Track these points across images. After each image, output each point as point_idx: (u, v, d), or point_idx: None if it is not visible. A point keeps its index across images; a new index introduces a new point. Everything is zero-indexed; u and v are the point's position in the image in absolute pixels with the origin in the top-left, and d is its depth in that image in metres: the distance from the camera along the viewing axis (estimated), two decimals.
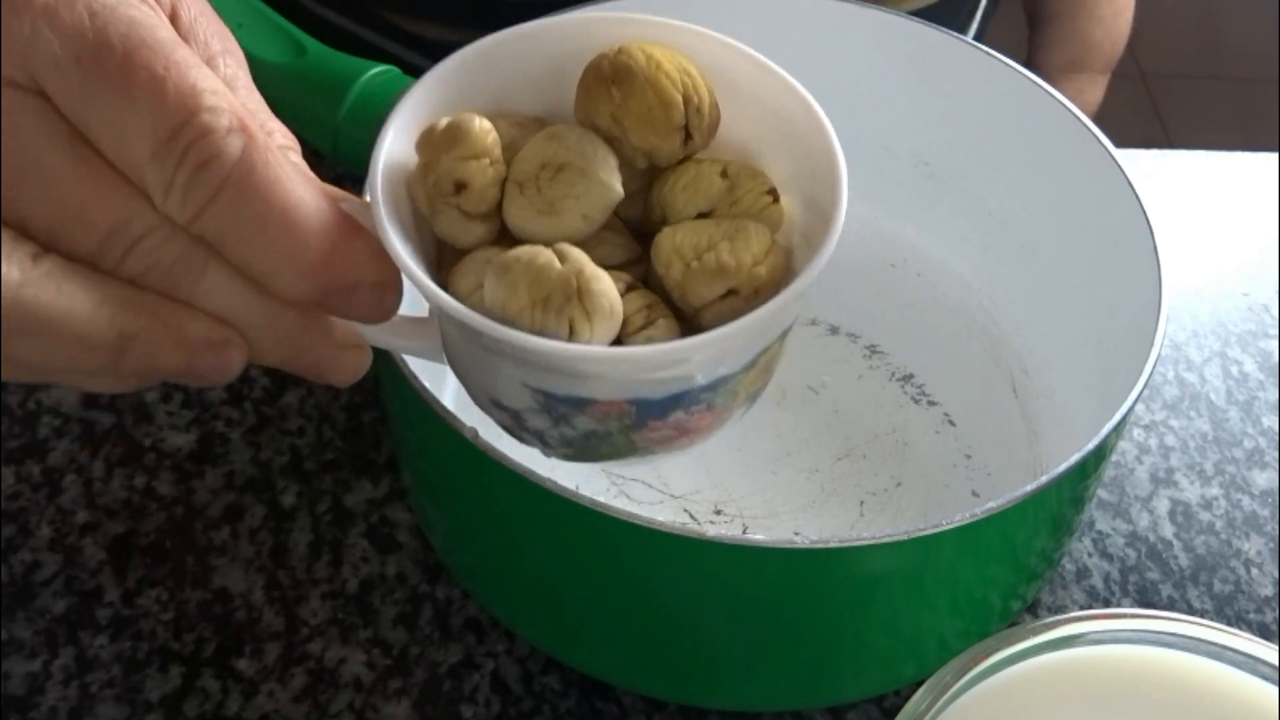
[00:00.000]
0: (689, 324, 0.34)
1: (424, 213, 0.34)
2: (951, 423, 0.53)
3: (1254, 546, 0.53)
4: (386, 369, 0.42)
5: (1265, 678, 0.35)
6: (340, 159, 0.52)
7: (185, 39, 0.35)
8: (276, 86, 0.53)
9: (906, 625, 0.44)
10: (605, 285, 0.32)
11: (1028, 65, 0.53)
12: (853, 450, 0.52)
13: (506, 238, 0.34)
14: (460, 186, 0.34)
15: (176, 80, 0.31)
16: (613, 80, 0.34)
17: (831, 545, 0.39)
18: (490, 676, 0.47)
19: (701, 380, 0.34)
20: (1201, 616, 0.46)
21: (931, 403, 0.54)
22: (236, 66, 0.36)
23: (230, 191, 0.31)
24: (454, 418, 0.40)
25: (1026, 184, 0.55)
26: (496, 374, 0.34)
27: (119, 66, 0.31)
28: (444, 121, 0.34)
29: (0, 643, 0.47)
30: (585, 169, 0.34)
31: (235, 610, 0.48)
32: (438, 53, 0.52)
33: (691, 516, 0.49)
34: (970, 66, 0.54)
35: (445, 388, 0.52)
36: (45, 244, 0.31)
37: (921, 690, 0.34)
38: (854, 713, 0.47)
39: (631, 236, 0.36)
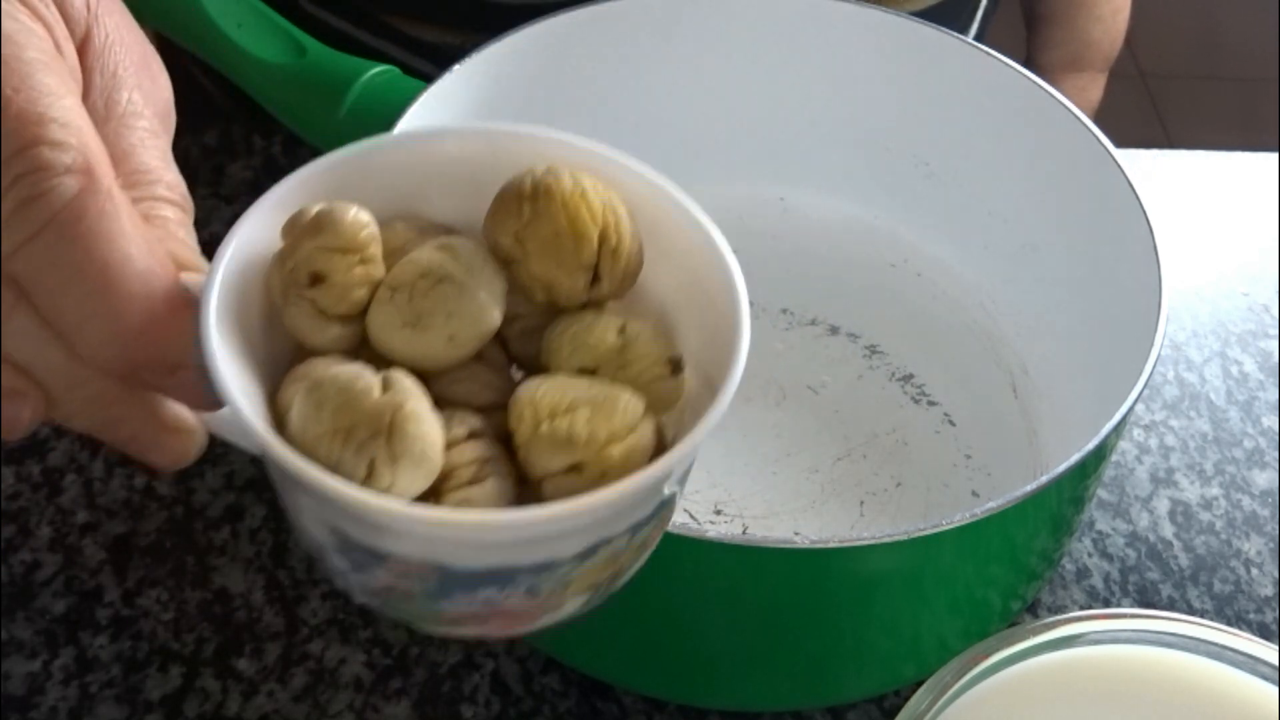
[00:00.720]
0: (530, 492, 0.30)
1: (276, 302, 0.31)
2: (951, 423, 0.53)
3: (1254, 546, 0.53)
4: None
5: (1265, 678, 0.35)
6: None
7: (88, 65, 0.32)
8: (276, 87, 0.53)
9: (906, 625, 0.44)
10: (424, 429, 0.28)
11: (1027, 65, 0.53)
12: (853, 450, 0.52)
13: (367, 347, 0.31)
14: (317, 279, 0.30)
15: (24, 105, 0.28)
16: (530, 197, 0.31)
17: (831, 545, 0.39)
18: (490, 676, 0.47)
19: (520, 561, 0.30)
20: (1201, 616, 0.46)
21: (931, 403, 0.54)
22: (144, 103, 0.33)
23: (51, 235, 0.28)
24: None
25: (1026, 184, 0.55)
26: (297, 500, 0.30)
27: None
28: (317, 207, 0.31)
29: (0, 643, 0.47)
30: (466, 286, 0.30)
31: (235, 610, 0.48)
32: (437, 56, 0.53)
33: (691, 516, 0.49)
34: (970, 66, 0.54)
35: None
36: None
37: (921, 690, 0.34)
38: (854, 713, 0.47)
39: (511, 378, 0.32)
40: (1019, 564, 0.45)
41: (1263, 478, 0.55)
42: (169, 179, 0.33)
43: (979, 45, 0.54)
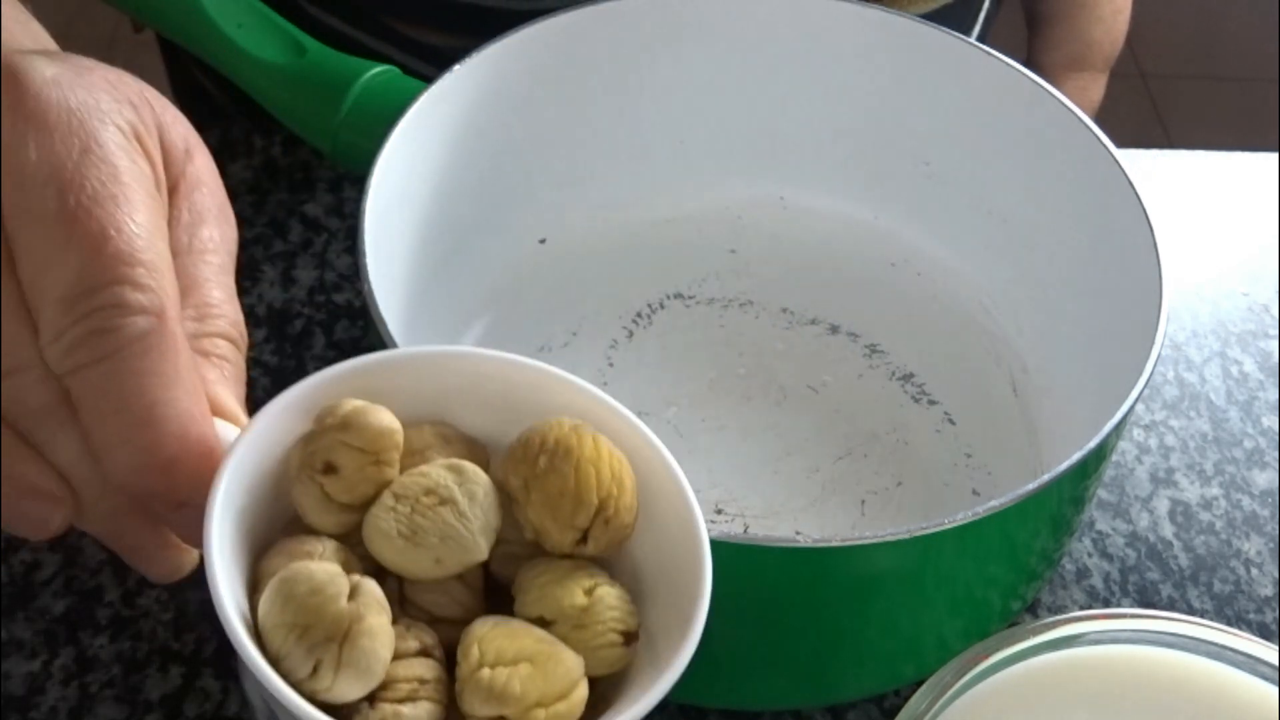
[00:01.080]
0: None
1: (291, 474, 0.33)
2: (952, 422, 0.53)
3: (1254, 546, 0.53)
4: None
5: (1265, 678, 0.35)
6: (339, 159, 0.52)
7: (178, 201, 0.35)
8: (276, 87, 0.53)
9: (906, 625, 0.44)
10: (377, 645, 0.30)
11: (1027, 65, 0.53)
12: (853, 449, 0.52)
13: (356, 536, 0.33)
14: (330, 469, 0.33)
15: (120, 245, 0.32)
16: (550, 451, 0.33)
17: (833, 544, 0.39)
18: None
19: None
20: (1201, 616, 0.46)
21: (932, 402, 0.54)
22: (220, 241, 0.36)
23: (110, 365, 0.31)
24: None
25: (1027, 183, 0.55)
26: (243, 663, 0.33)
27: (77, 207, 0.31)
28: (352, 404, 0.33)
29: (0, 643, 0.47)
30: (465, 515, 0.32)
31: None
32: (439, 59, 0.53)
33: None
34: (970, 66, 0.54)
35: None
36: None
37: (921, 690, 0.34)
38: (854, 713, 0.47)
39: (482, 597, 0.34)
40: (1019, 563, 0.45)
41: (1263, 478, 0.55)
42: (231, 315, 0.36)
43: (979, 45, 0.54)
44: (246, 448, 0.33)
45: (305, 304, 0.57)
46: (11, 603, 0.48)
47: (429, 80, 0.50)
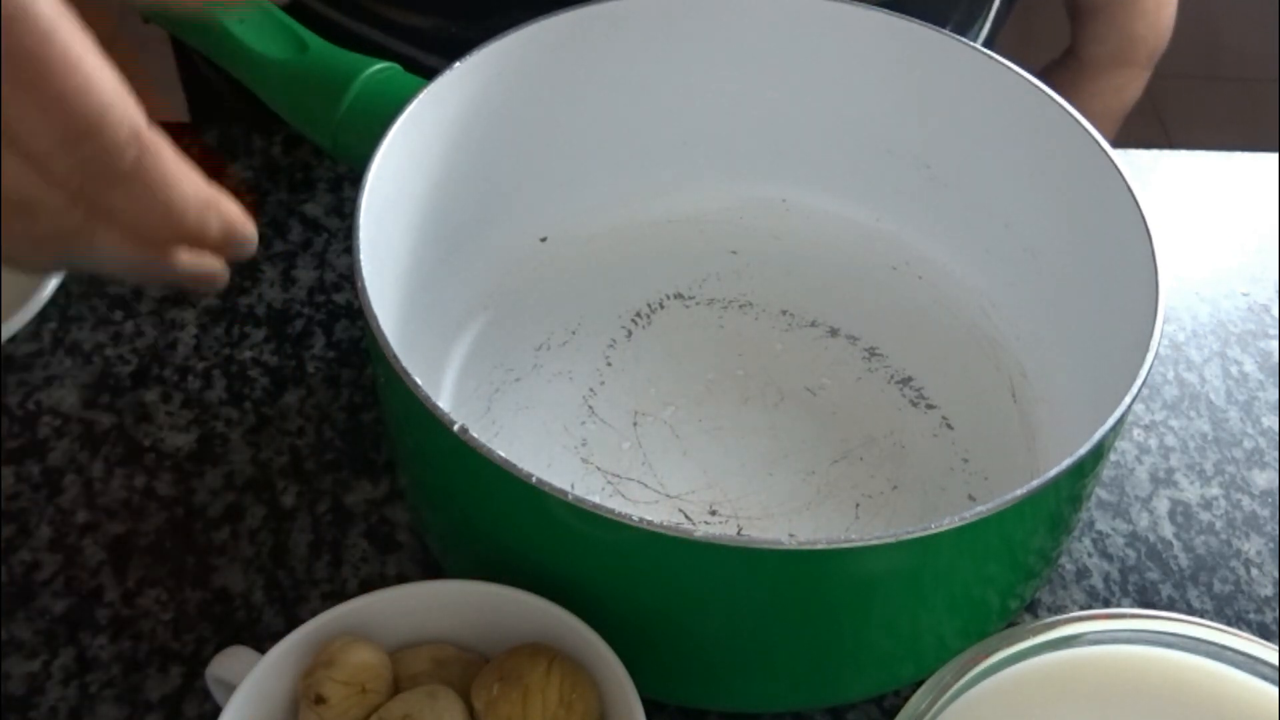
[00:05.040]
0: None
1: (299, 699, 0.40)
2: (950, 426, 0.53)
3: (1254, 546, 0.53)
4: (383, 369, 0.42)
5: (1265, 678, 0.35)
6: (340, 156, 0.52)
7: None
8: (277, 83, 0.53)
9: (904, 625, 0.44)
10: None
11: (1069, 59, 0.52)
12: (850, 453, 0.52)
13: None
14: (320, 699, 0.39)
15: (91, 102, 0.34)
16: (503, 678, 0.40)
17: (819, 547, 0.39)
18: None
19: None
20: (1201, 616, 0.46)
21: (930, 406, 0.54)
22: None
23: (123, 187, 0.36)
24: (444, 414, 0.40)
25: (1027, 188, 0.55)
26: None
27: (35, 71, 0.34)
28: (340, 641, 0.40)
29: (0, 643, 0.47)
30: None
31: (235, 610, 0.48)
32: (434, 45, 0.52)
33: (686, 516, 0.49)
34: (972, 70, 0.54)
35: (441, 391, 0.52)
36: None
37: (921, 690, 0.34)
38: (854, 713, 0.47)
39: None
40: (1016, 564, 0.45)
41: (1263, 478, 0.55)
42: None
43: (981, 49, 0.54)
44: (252, 684, 0.40)
45: (305, 304, 0.57)
46: (11, 603, 0.48)
47: (428, 75, 0.50)
